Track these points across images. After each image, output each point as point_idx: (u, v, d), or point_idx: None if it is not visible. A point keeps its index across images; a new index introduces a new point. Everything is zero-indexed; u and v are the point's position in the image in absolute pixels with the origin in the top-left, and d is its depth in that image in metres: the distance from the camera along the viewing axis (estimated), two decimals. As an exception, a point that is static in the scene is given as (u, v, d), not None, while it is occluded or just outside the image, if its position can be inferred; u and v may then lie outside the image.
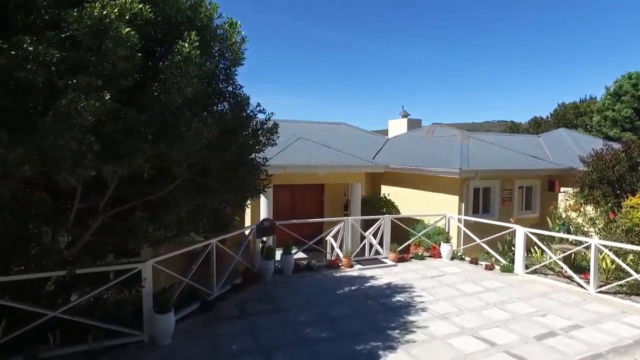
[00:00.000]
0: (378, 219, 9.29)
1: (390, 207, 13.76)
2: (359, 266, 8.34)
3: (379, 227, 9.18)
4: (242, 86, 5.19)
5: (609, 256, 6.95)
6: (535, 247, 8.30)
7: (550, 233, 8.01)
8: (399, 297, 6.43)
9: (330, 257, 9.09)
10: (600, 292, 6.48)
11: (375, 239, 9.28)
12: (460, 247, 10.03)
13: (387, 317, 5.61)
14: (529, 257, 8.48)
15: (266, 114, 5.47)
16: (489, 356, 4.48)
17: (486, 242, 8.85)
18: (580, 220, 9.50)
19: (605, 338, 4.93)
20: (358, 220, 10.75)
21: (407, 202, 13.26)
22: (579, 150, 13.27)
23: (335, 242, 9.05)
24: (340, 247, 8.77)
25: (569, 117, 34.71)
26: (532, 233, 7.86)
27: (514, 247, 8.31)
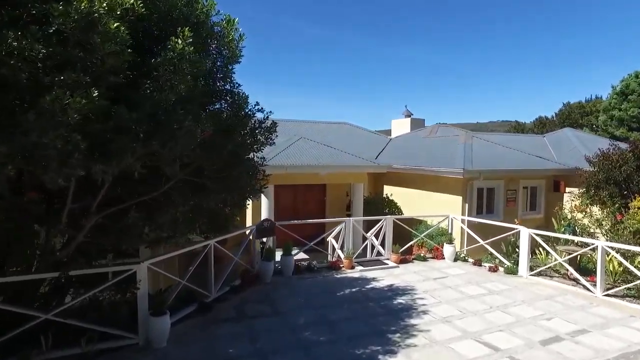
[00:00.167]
0: (380, 220, 9.17)
1: (392, 207, 13.64)
2: (360, 267, 8.22)
3: (381, 228, 9.05)
4: (240, 84, 5.11)
5: (616, 258, 6.79)
6: (540, 249, 8.14)
7: (555, 234, 7.85)
8: (400, 299, 6.31)
9: (332, 258, 8.98)
10: (608, 295, 6.32)
11: (377, 239, 9.16)
12: (463, 249, 9.88)
13: (388, 320, 5.49)
14: (533, 259, 8.33)
15: (265, 112, 5.39)
16: (492, 362, 4.35)
17: (490, 244, 8.70)
18: (586, 221, 9.33)
19: (613, 344, 4.78)
20: (360, 220, 10.65)
21: (410, 203, 13.12)
22: (584, 150, 13.06)
23: (337, 243, 8.94)
24: (342, 248, 8.65)
25: (575, 116, 34.34)
26: (537, 234, 7.70)
27: (518, 248, 8.15)
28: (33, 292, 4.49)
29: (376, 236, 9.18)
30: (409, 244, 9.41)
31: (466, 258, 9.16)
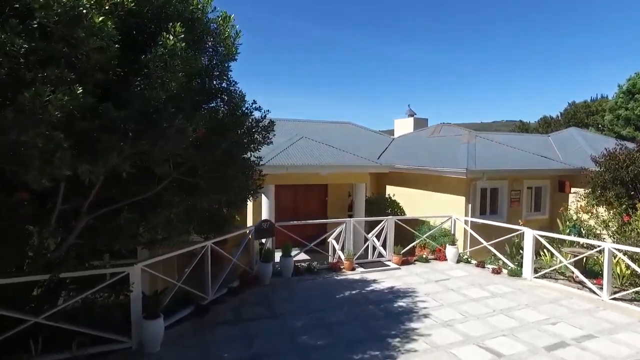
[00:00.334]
0: (381, 220, 9.03)
1: (395, 207, 13.49)
2: (361, 269, 8.09)
3: (382, 229, 8.92)
4: (236, 82, 5.00)
5: (624, 261, 6.61)
6: (545, 250, 7.97)
7: (560, 236, 7.68)
8: (401, 302, 6.17)
9: (332, 259, 8.85)
10: (615, 299, 6.14)
11: (378, 240, 9.03)
12: (466, 250, 9.72)
13: (388, 323, 5.36)
14: (538, 260, 8.15)
15: (262, 111, 5.28)
16: (495, 368, 4.21)
17: (493, 245, 8.53)
18: (592, 222, 9.14)
19: (621, 350, 4.62)
20: (361, 221, 10.53)
21: (413, 203, 12.97)
22: (590, 149, 12.84)
23: (337, 244, 8.82)
24: (342, 249, 8.53)
25: (580, 116, 33.95)
26: (541, 236, 7.53)
27: (522, 249, 7.98)
28: (25, 294, 4.40)
29: (378, 237, 9.05)
30: (411, 245, 9.28)
31: (469, 260, 9.00)
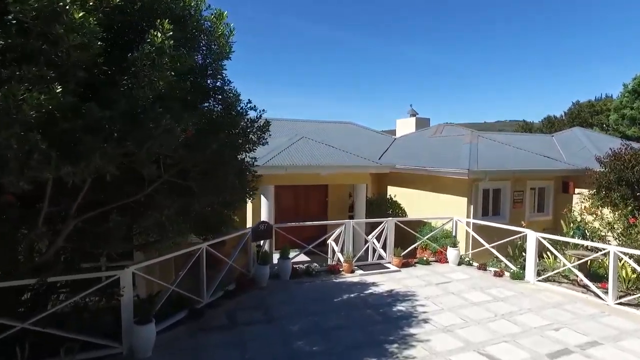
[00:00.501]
0: (382, 222, 8.89)
1: (396, 208, 13.33)
2: (360, 271, 7.95)
3: (382, 231, 8.78)
4: (231, 81, 4.90)
5: (630, 264, 6.44)
6: (548, 253, 7.80)
7: (564, 239, 7.50)
8: (400, 306, 6.03)
9: (331, 261, 8.73)
10: (620, 303, 5.97)
11: (378, 242, 8.90)
12: (468, 252, 9.57)
13: (386, 328, 5.23)
14: (541, 262, 7.99)
15: (258, 111, 5.17)
16: (496, 376, 4.07)
17: (496, 246, 8.37)
18: (596, 224, 8.94)
19: (627, 358, 4.46)
20: (362, 223, 10.39)
21: (414, 204, 12.82)
22: (594, 150, 12.64)
23: (337, 245, 8.70)
24: (342, 251, 8.40)
25: (584, 115, 33.61)
26: (545, 238, 7.36)
27: (525, 251, 7.82)
28: (15, 299, 4.31)
29: (378, 239, 8.92)
30: (411, 247, 9.14)
31: (470, 262, 8.84)
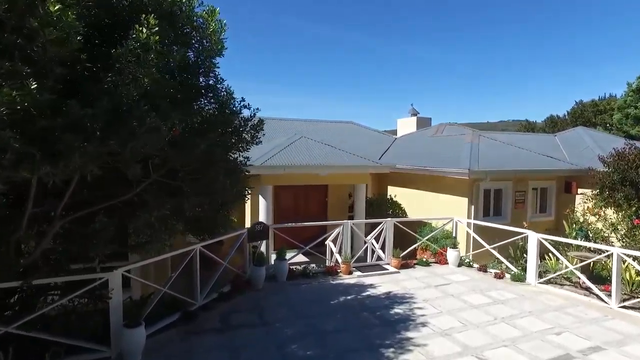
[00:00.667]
0: (381, 222, 8.76)
1: (396, 208, 13.20)
2: (358, 273, 7.83)
3: (381, 231, 8.65)
4: (224, 79, 4.79)
5: (634, 267, 6.29)
6: (550, 254, 7.65)
7: (566, 240, 7.35)
8: (397, 309, 5.91)
9: (329, 262, 8.61)
10: (624, 307, 5.82)
11: (377, 243, 8.77)
12: (469, 253, 9.43)
13: (383, 332, 5.10)
14: (543, 264, 7.84)
15: (251, 109, 5.06)
16: (495, 383, 3.94)
17: (497, 247, 8.23)
18: (599, 225, 8.80)
19: (630, 363, 4.33)
20: (361, 223, 10.26)
21: (415, 204, 12.68)
22: (598, 149, 12.46)
23: (335, 246, 8.57)
24: (340, 252, 8.28)
25: (587, 115, 33.31)
26: (546, 239, 7.21)
27: (526, 253, 7.68)
28: (1, 302, 4.22)
29: (377, 239, 8.79)
30: (411, 248, 9.00)
31: (471, 263, 8.70)
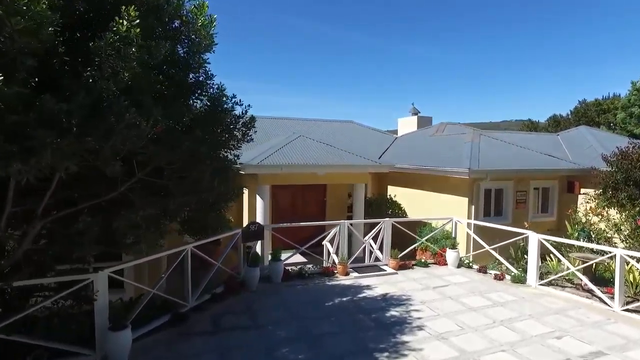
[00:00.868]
0: (379, 222, 8.61)
1: (396, 208, 13.06)
2: (355, 274, 7.69)
3: (379, 231, 8.50)
4: (214, 75, 4.67)
5: (637, 269, 6.12)
6: (551, 255, 7.49)
7: (568, 241, 7.17)
8: (393, 311, 5.76)
9: (326, 263, 8.47)
10: (627, 310, 5.65)
11: (375, 243, 8.62)
12: (469, 254, 9.28)
13: (378, 335, 4.96)
14: (544, 265, 7.67)
15: (243, 106, 4.94)
16: (492, 390, 3.79)
17: (497, 248, 8.06)
18: (602, 225, 8.61)
19: (633, 370, 4.16)
20: (360, 223, 10.11)
21: (415, 204, 12.53)
22: (601, 149, 12.26)
23: (332, 247, 8.44)
24: (337, 253, 8.14)
25: (591, 114, 33.01)
26: (547, 240, 7.04)
27: (527, 254, 7.51)
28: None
29: (375, 240, 8.65)
30: (409, 249, 8.84)
31: (470, 264, 8.54)
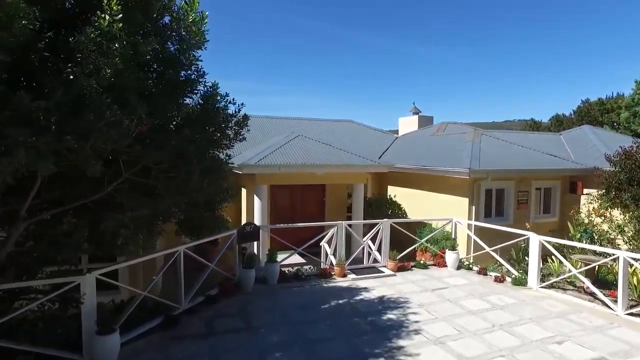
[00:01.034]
0: (377, 224, 8.48)
1: (396, 209, 12.93)
2: (352, 275, 7.57)
3: (378, 232, 8.38)
4: (206, 72, 4.55)
5: (641, 271, 5.97)
6: (553, 257, 7.34)
7: (569, 242, 7.03)
8: (390, 314, 5.64)
9: (324, 264, 8.35)
10: (631, 314, 5.50)
11: (374, 244, 8.50)
12: (469, 255, 9.14)
13: (373, 339, 4.84)
14: (545, 266, 7.52)
15: (236, 105, 4.83)
16: (489, 397, 3.66)
17: (498, 249, 7.91)
18: (605, 226, 8.46)
19: (636, 377, 4.03)
20: (359, 224, 10.00)
21: (415, 204, 12.40)
22: (604, 148, 12.09)
23: (330, 248, 8.32)
24: (335, 254, 8.02)
25: (594, 114, 32.70)
26: (549, 242, 6.89)
27: (528, 256, 7.36)
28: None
29: (373, 241, 8.53)
30: (408, 250, 8.69)
31: (470, 266, 8.40)
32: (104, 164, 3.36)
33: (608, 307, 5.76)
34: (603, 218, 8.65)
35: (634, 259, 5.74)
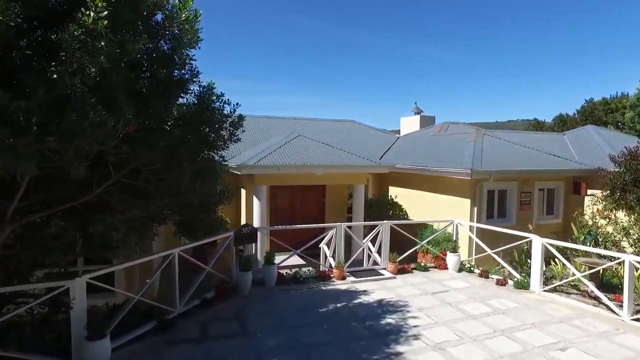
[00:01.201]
0: (377, 225, 8.36)
1: (397, 209, 12.80)
2: (352, 278, 7.45)
3: (377, 234, 8.25)
4: (200, 72, 4.46)
5: (647, 275, 5.82)
6: (556, 260, 7.19)
7: (573, 245, 6.87)
8: (389, 318, 5.52)
9: (323, 267, 8.24)
10: (637, 319, 5.34)
11: (374, 246, 8.38)
12: (471, 257, 8.98)
13: (371, 345, 4.72)
14: (549, 269, 7.38)
15: (231, 105, 4.73)
16: (490, 407, 3.54)
17: (501, 252, 7.77)
18: (610, 228, 8.29)
19: (643, 386, 3.89)
20: (359, 225, 9.88)
21: (416, 205, 12.27)
22: (609, 148, 11.90)
23: (329, 250, 8.20)
24: (334, 256, 7.90)
25: (598, 114, 32.39)
26: (552, 245, 6.74)
27: (530, 258, 7.21)
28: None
29: (373, 242, 8.40)
30: (409, 252, 8.55)
31: (472, 268, 8.26)
32: (92, 165, 3.28)
33: (613, 312, 5.62)
34: (607, 220, 8.48)
35: None
